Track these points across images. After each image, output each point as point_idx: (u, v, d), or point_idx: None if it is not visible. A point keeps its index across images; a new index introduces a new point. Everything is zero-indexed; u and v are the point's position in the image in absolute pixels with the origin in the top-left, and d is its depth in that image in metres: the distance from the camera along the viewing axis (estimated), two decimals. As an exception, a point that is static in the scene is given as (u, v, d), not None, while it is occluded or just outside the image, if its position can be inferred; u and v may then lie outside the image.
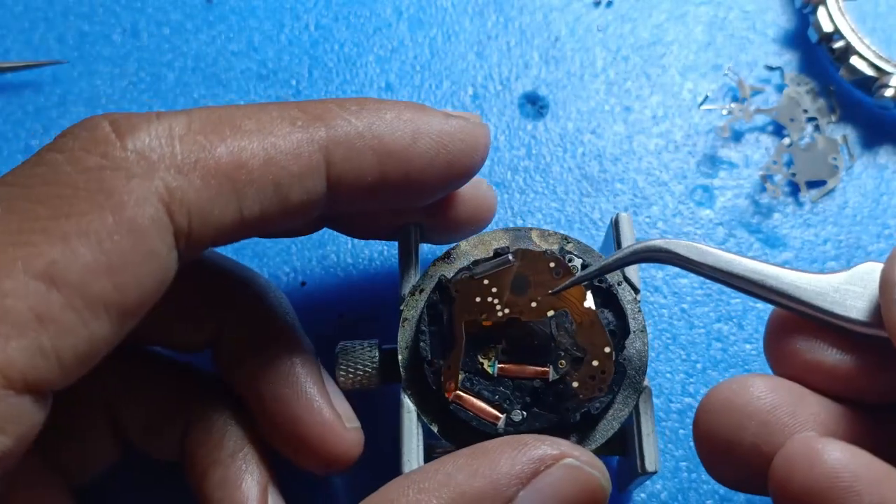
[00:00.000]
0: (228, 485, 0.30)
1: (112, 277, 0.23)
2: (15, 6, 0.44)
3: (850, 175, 0.40)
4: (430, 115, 0.29)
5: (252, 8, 0.44)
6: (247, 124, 0.26)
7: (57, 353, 0.23)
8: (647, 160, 0.41)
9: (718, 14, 0.43)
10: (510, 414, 0.29)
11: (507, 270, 0.30)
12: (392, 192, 0.28)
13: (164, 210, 0.24)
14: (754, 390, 0.27)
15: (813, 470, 0.24)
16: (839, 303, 0.27)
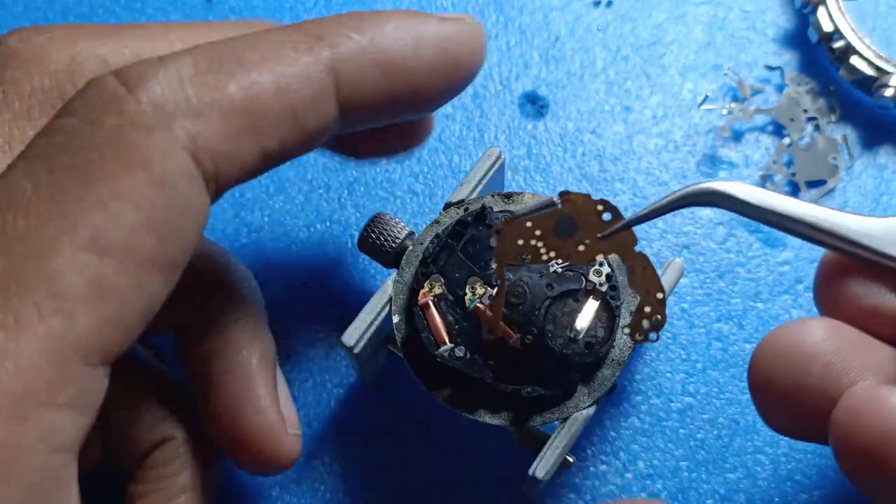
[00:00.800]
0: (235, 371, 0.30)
1: (155, 234, 0.23)
2: (15, 6, 0.44)
3: (850, 175, 0.40)
4: (427, 20, 0.28)
5: (252, 8, 0.44)
6: (251, 56, 0.25)
7: (122, 318, 0.23)
8: (647, 160, 0.41)
9: (718, 14, 0.43)
10: (455, 347, 0.29)
11: (552, 213, 0.28)
12: (399, 104, 0.28)
13: (191, 158, 0.24)
14: (816, 332, 0.26)
15: (882, 419, 0.23)
16: (894, 244, 0.27)
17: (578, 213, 0.28)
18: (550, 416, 0.30)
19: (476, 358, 0.29)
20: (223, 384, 0.30)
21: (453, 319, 0.30)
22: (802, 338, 0.26)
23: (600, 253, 0.28)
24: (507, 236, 0.28)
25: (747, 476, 0.35)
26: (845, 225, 0.27)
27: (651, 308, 0.28)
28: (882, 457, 0.23)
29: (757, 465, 0.35)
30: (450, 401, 0.30)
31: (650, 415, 0.36)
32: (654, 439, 0.36)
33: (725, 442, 0.36)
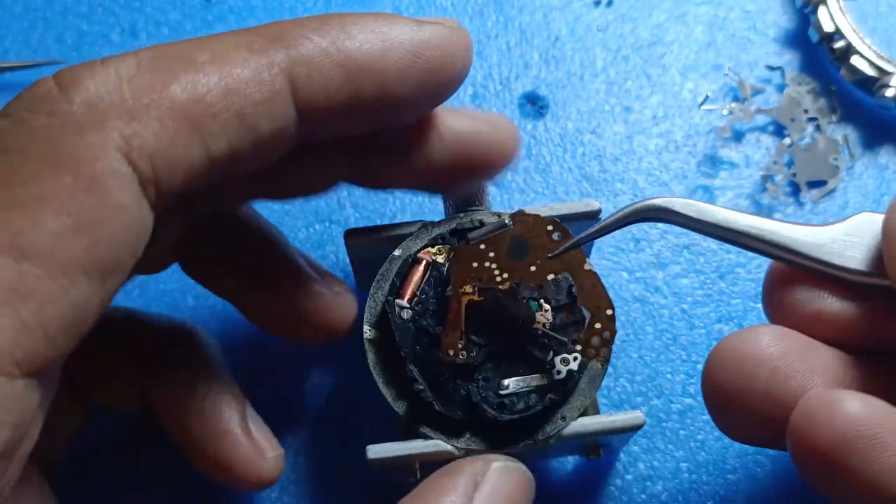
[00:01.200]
0: (208, 419, 0.31)
1: (82, 239, 0.22)
2: (14, 6, 0.44)
3: (851, 175, 0.40)
4: (402, 23, 0.27)
5: (251, 8, 0.44)
6: (200, 56, 0.24)
7: (42, 326, 0.22)
8: (647, 160, 0.41)
9: (719, 14, 0.43)
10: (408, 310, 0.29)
11: (504, 235, 0.29)
12: (369, 110, 0.26)
13: (124, 160, 0.23)
14: (763, 339, 0.27)
15: (835, 422, 0.24)
16: (837, 253, 0.28)
17: (530, 233, 0.29)
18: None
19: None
20: (197, 428, 0.31)
21: (429, 294, 0.30)
22: (749, 345, 0.27)
23: (551, 272, 0.29)
24: (461, 260, 0.29)
25: (748, 477, 0.35)
26: (788, 236, 0.28)
27: (601, 324, 0.29)
28: (836, 460, 0.24)
29: (757, 466, 0.35)
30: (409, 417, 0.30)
31: (650, 416, 0.36)
32: (654, 440, 0.36)
33: (726, 443, 0.36)
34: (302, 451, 0.36)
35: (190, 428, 0.31)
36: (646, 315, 0.38)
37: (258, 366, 0.37)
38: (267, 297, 0.32)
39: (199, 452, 0.31)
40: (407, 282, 0.30)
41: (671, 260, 0.39)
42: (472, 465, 0.27)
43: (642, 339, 0.38)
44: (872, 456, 0.24)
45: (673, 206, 0.28)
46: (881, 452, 0.24)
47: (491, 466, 0.27)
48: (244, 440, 0.31)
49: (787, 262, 0.28)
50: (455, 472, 0.27)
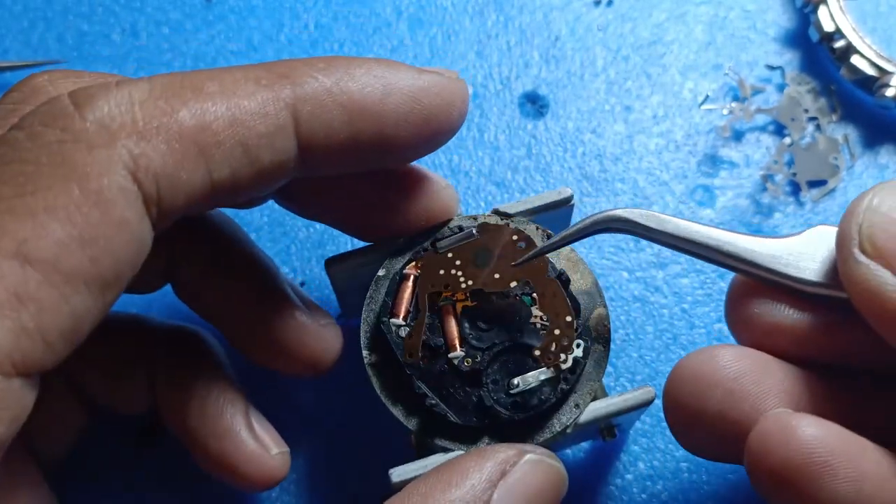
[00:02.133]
0: (211, 418, 0.31)
1: (86, 250, 0.23)
2: (14, 6, 0.44)
3: (851, 175, 0.40)
4: (403, 70, 0.28)
5: (251, 7, 0.44)
6: (210, 86, 0.25)
7: (41, 331, 0.22)
8: (647, 160, 0.41)
9: (719, 13, 0.43)
10: (405, 326, 0.30)
11: (470, 244, 0.30)
12: (367, 151, 0.28)
13: (131, 178, 0.24)
14: (720, 360, 0.27)
15: (788, 446, 0.25)
16: (793, 265, 0.28)
17: (495, 242, 0.30)
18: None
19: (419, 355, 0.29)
20: (201, 428, 0.31)
21: (424, 308, 0.30)
22: (706, 365, 0.27)
23: (514, 280, 0.30)
24: (429, 267, 0.30)
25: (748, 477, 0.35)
26: (745, 247, 0.28)
27: (560, 331, 0.29)
28: (790, 482, 0.25)
29: (758, 465, 0.35)
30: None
31: (650, 416, 0.36)
32: (654, 440, 0.36)
33: (726, 443, 0.36)
34: (301, 452, 0.36)
35: (194, 428, 0.31)
36: (646, 315, 0.38)
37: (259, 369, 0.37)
38: (252, 328, 0.32)
39: (204, 452, 0.31)
40: (398, 299, 0.30)
41: (671, 259, 0.39)
42: (505, 452, 0.27)
43: (642, 338, 0.38)
44: (822, 481, 0.25)
45: (633, 216, 0.29)
46: (831, 478, 0.25)
47: (523, 458, 0.27)
48: (248, 438, 0.32)
49: (745, 274, 0.29)
50: (484, 456, 0.27)
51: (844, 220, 0.27)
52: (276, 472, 0.32)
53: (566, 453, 0.36)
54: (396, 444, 0.36)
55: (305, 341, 0.32)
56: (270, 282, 0.32)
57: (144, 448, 0.36)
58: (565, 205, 0.32)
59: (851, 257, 0.26)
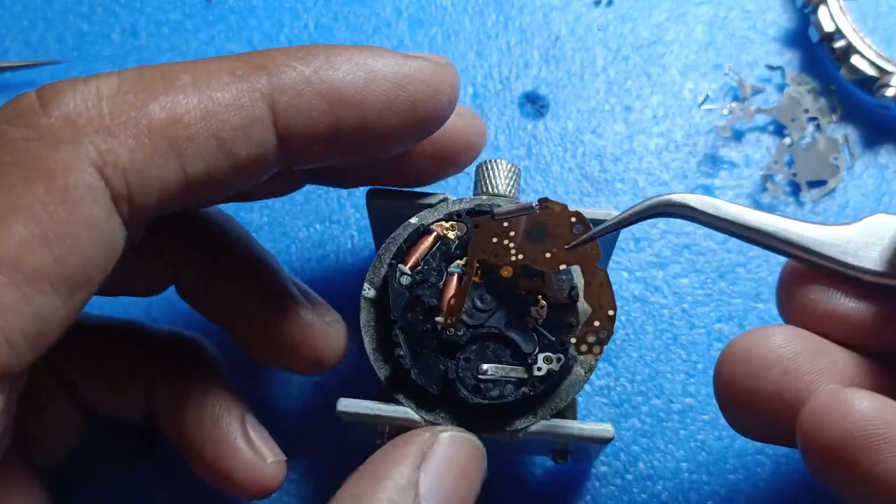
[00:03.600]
0: (207, 425, 0.31)
1: (50, 250, 0.22)
2: (14, 6, 0.44)
3: (851, 175, 0.40)
4: (386, 56, 0.27)
5: (251, 7, 0.44)
6: (182, 78, 0.25)
7: (3, 333, 0.22)
8: (647, 160, 0.41)
9: (719, 13, 0.43)
10: (412, 276, 0.30)
11: (528, 217, 0.29)
12: (350, 141, 0.27)
13: (98, 174, 0.23)
14: (774, 339, 0.27)
15: (844, 420, 0.24)
16: (852, 253, 0.28)
17: (552, 221, 0.29)
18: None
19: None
20: (197, 434, 0.31)
21: (433, 266, 0.30)
22: (761, 345, 0.27)
23: (564, 263, 0.29)
24: (483, 232, 0.29)
25: (748, 477, 0.35)
26: (803, 234, 0.28)
27: (600, 323, 0.29)
28: (845, 457, 0.24)
29: (758, 465, 0.35)
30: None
31: (650, 416, 0.36)
32: (654, 440, 0.36)
33: (726, 443, 0.36)
34: (301, 453, 0.36)
35: (190, 434, 0.31)
36: (646, 315, 0.38)
37: (259, 369, 0.37)
38: (257, 328, 0.32)
39: (199, 458, 0.31)
40: (413, 249, 0.30)
41: (671, 259, 0.39)
42: (421, 435, 0.27)
43: (642, 338, 0.38)
44: (880, 454, 0.24)
45: (690, 202, 0.28)
46: (888, 451, 0.24)
47: (438, 437, 0.28)
48: (243, 445, 0.32)
49: (801, 261, 0.28)
50: (404, 443, 0.27)
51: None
52: (271, 480, 0.32)
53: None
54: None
55: (311, 339, 0.32)
56: (274, 280, 0.32)
57: (144, 451, 0.36)
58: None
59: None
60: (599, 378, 0.37)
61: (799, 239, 0.28)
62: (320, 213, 0.40)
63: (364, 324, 0.30)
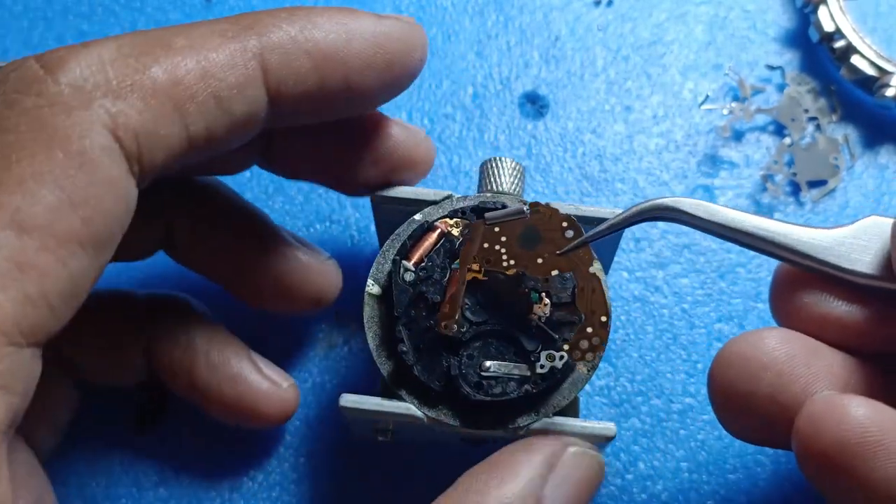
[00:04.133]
0: (220, 369, 0.33)
1: (77, 212, 0.23)
2: (14, 6, 0.44)
3: (851, 175, 0.40)
4: (363, 17, 0.29)
5: (251, 7, 0.44)
6: (177, 42, 0.26)
7: (44, 297, 0.23)
8: (647, 160, 0.41)
9: (719, 13, 0.43)
10: (413, 272, 0.30)
11: (519, 222, 0.29)
12: (334, 98, 0.28)
13: (112, 136, 0.24)
14: (769, 342, 0.27)
15: (840, 426, 0.24)
16: (845, 256, 0.28)
17: (544, 226, 0.29)
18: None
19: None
20: (211, 379, 0.32)
21: (437, 263, 0.30)
22: (755, 348, 0.27)
23: (556, 269, 0.29)
24: (474, 238, 0.29)
25: (748, 477, 0.35)
26: (796, 238, 0.28)
27: (592, 329, 0.29)
28: (840, 464, 0.24)
29: (758, 465, 0.35)
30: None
31: (650, 416, 0.36)
32: (654, 440, 0.36)
33: (726, 443, 0.36)
34: (302, 451, 0.36)
35: (202, 381, 0.32)
36: (646, 315, 0.38)
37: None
38: (257, 273, 0.33)
39: (219, 401, 0.32)
40: (417, 246, 0.30)
41: (671, 259, 0.39)
42: (551, 445, 0.28)
43: (642, 338, 0.38)
44: (876, 461, 0.24)
45: (682, 206, 0.28)
46: (885, 458, 0.24)
47: (568, 450, 0.28)
48: (259, 378, 0.33)
49: (794, 264, 0.29)
50: (532, 450, 0.28)
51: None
52: (291, 403, 0.33)
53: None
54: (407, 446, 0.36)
55: (311, 278, 0.33)
56: (267, 228, 0.33)
57: (145, 426, 0.36)
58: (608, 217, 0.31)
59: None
60: (599, 378, 0.37)
61: (792, 243, 0.28)
62: (320, 212, 0.40)
63: (367, 320, 0.30)
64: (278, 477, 0.36)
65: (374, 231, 0.32)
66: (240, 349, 0.33)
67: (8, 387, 0.22)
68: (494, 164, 0.33)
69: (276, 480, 0.36)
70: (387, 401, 0.29)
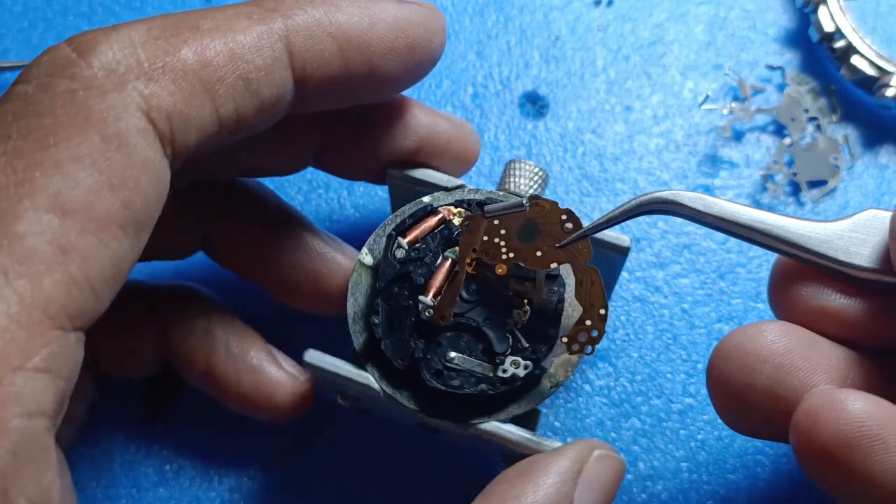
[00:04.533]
0: (239, 359, 0.33)
1: (116, 194, 0.23)
2: (14, 6, 0.44)
3: (851, 175, 0.40)
4: (385, 1, 0.29)
5: (251, 7, 0.44)
6: (204, 24, 0.26)
7: (88, 280, 0.23)
8: (647, 160, 0.41)
9: (719, 13, 0.43)
10: (405, 250, 0.30)
11: (518, 215, 0.29)
12: (357, 81, 0.28)
13: (146, 119, 0.24)
14: (768, 335, 0.27)
15: (838, 421, 0.24)
16: (843, 250, 0.28)
17: (543, 219, 0.29)
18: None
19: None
20: (229, 370, 0.32)
21: (430, 247, 0.30)
22: (754, 341, 0.27)
23: (556, 261, 0.29)
24: (473, 230, 0.29)
25: (748, 477, 0.35)
26: (795, 231, 0.28)
27: (591, 322, 0.29)
28: (838, 458, 0.24)
29: (758, 465, 0.35)
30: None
31: (650, 416, 0.36)
32: (654, 440, 0.36)
33: (726, 443, 0.36)
34: (303, 452, 0.36)
35: (219, 370, 0.32)
36: (646, 315, 0.38)
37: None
38: (295, 274, 0.33)
39: (237, 391, 0.32)
40: (416, 226, 0.30)
41: (671, 259, 0.39)
42: (580, 450, 0.28)
43: (642, 338, 0.38)
44: (874, 455, 0.24)
45: (681, 199, 0.28)
46: (882, 452, 0.24)
47: (594, 454, 0.28)
48: (277, 370, 0.33)
49: (793, 257, 0.29)
50: (562, 454, 0.28)
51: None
52: (308, 396, 0.33)
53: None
54: (409, 445, 0.36)
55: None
56: (306, 229, 0.33)
57: (157, 417, 0.36)
58: (619, 252, 0.32)
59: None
60: (599, 378, 0.37)
61: (790, 236, 0.28)
62: (320, 213, 0.40)
63: (352, 286, 0.31)
64: (279, 477, 0.36)
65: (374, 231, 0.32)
66: (256, 339, 0.33)
67: (56, 371, 0.22)
68: (515, 165, 0.33)
69: (276, 481, 0.36)
70: (349, 366, 0.30)
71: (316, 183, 0.40)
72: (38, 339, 0.22)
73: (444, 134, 0.32)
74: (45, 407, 0.22)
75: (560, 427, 0.36)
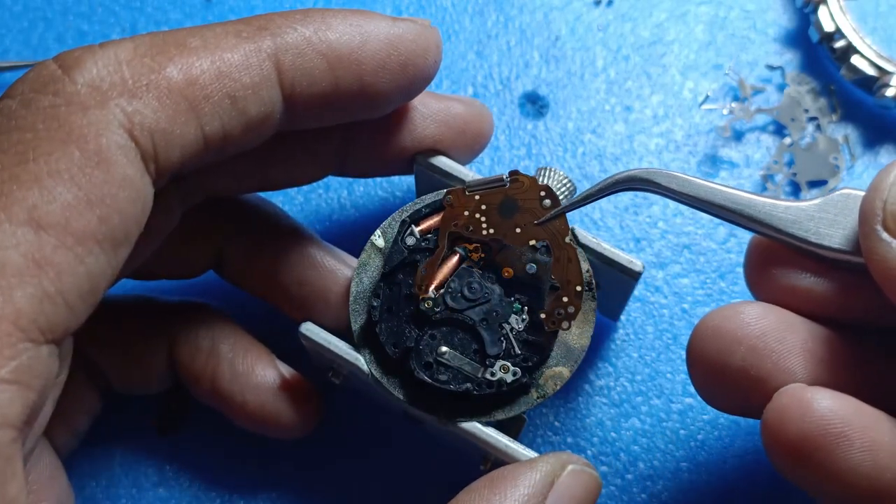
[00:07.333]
0: (245, 377, 0.33)
1: (94, 210, 0.23)
2: (14, 6, 0.44)
3: (851, 175, 0.40)
4: (378, 18, 0.29)
5: (251, 8, 0.44)
6: (192, 42, 0.26)
7: (62, 294, 0.23)
8: (647, 160, 0.41)
9: (719, 13, 0.43)
10: (415, 237, 0.30)
11: (500, 191, 0.30)
12: (348, 99, 0.28)
13: (127, 135, 0.24)
14: (744, 316, 0.28)
15: (805, 419, 0.25)
16: (813, 230, 0.28)
17: (522, 195, 0.30)
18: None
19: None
20: (236, 388, 0.32)
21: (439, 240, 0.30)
22: (730, 322, 0.28)
23: (534, 238, 0.29)
24: (455, 205, 0.30)
25: (748, 477, 0.35)
26: (767, 211, 0.29)
27: (568, 298, 0.29)
28: (805, 454, 0.25)
29: (758, 465, 0.35)
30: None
31: (650, 416, 0.36)
32: (654, 440, 0.36)
33: (726, 443, 0.36)
34: (304, 455, 0.36)
35: (225, 388, 0.32)
36: (646, 315, 0.38)
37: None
38: (306, 292, 0.32)
39: (243, 411, 0.32)
40: (432, 217, 0.31)
41: (671, 260, 0.39)
42: (552, 463, 0.28)
43: (642, 338, 0.38)
44: (839, 452, 0.25)
45: (655, 177, 0.29)
46: (847, 448, 0.25)
47: (567, 469, 0.28)
48: (282, 391, 0.33)
49: (766, 236, 0.29)
50: (533, 467, 0.28)
51: (868, 195, 0.27)
52: (315, 415, 0.33)
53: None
54: (409, 444, 0.36)
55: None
56: (316, 248, 0.33)
57: (167, 430, 0.36)
58: (628, 275, 0.32)
59: (874, 234, 0.26)
60: (599, 378, 0.37)
61: (762, 216, 0.29)
62: (320, 213, 0.40)
63: (359, 266, 0.31)
64: (278, 478, 0.36)
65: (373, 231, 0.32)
66: (264, 356, 0.33)
67: (25, 383, 0.22)
68: (545, 172, 0.33)
69: (275, 481, 0.36)
70: (342, 344, 0.30)
71: (316, 183, 0.40)
72: (5, 350, 0.22)
73: (460, 115, 0.33)
74: (11, 418, 0.22)
75: (560, 427, 0.36)
